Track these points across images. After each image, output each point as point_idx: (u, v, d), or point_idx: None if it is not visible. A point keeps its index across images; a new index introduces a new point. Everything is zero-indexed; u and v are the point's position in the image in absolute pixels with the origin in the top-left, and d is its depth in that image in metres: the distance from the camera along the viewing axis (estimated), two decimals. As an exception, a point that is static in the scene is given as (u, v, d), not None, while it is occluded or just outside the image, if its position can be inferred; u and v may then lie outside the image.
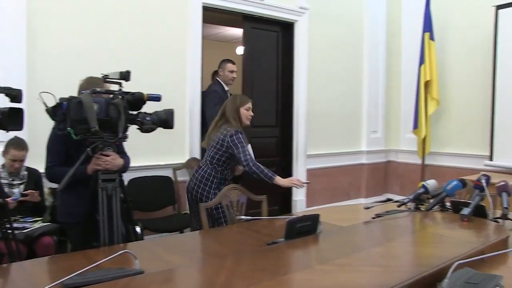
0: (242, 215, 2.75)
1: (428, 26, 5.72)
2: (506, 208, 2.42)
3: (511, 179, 3.06)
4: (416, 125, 5.84)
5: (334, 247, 2.01)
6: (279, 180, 3.17)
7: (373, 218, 2.51)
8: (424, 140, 5.81)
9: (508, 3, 5.02)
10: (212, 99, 4.46)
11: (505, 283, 1.48)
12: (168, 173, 4.39)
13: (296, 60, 5.54)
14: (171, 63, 4.42)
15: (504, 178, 2.66)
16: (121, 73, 2.35)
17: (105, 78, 2.38)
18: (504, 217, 2.41)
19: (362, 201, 6.10)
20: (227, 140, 3.18)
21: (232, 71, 4.63)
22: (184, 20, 4.50)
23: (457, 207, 2.55)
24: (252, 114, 3.43)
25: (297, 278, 1.57)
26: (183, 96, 4.51)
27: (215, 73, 5.68)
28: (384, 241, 2.17)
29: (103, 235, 2.25)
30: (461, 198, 2.97)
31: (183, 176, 4.49)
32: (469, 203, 2.48)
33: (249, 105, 3.41)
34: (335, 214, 2.95)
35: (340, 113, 6.02)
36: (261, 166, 3.17)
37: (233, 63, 4.69)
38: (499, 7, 5.11)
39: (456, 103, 5.80)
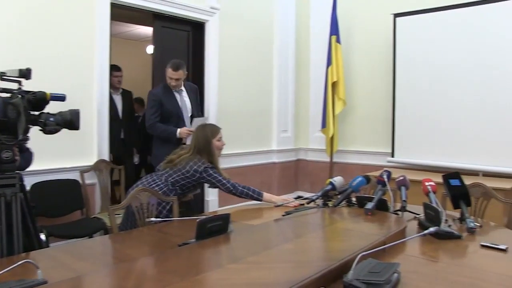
0: (152, 217, 2.69)
1: (334, 29, 5.96)
2: (405, 201, 2.61)
3: (410, 174, 3.30)
4: (324, 124, 6.07)
5: (245, 246, 2.03)
6: (271, 197, 3.08)
7: (283, 215, 2.57)
8: (332, 138, 6.05)
9: (404, 12, 5.41)
10: (149, 101, 4.28)
11: (402, 269, 1.59)
12: (75, 176, 4.16)
13: (206, 59, 5.52)
14: (77, 61, 4.19)
15: (403, 173, 2.84)
16: (20, 70, 2.21)
17: (2, 76, 2.22)
18: (403, 209, 2.58)
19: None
20: (200, 171, 3.02)
21: (170, 78, 4.20)
22: (91, 17, 4.28)
23: (362, 202, 2.69)
24: (224, 143, 3.29)
25: (208, 278, 1.57)
26: (90, 95, 4.31)
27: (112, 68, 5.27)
28: (294, 238, 2.22)
29: (1, 246, 2.09)
30: (366, 193, 3.15)
31: (91, 179, 4.30)
32: (373, 197, 2.62)
33: (220, 134, 3.26)
34: (246, 213, 2.98)
35: (251, 113, 6.08)
36: (246, 186, 3.10)
37: (175, 69, 4.16)
38: (396, 15, 5.48)
39: (361, 103, 6.11)
